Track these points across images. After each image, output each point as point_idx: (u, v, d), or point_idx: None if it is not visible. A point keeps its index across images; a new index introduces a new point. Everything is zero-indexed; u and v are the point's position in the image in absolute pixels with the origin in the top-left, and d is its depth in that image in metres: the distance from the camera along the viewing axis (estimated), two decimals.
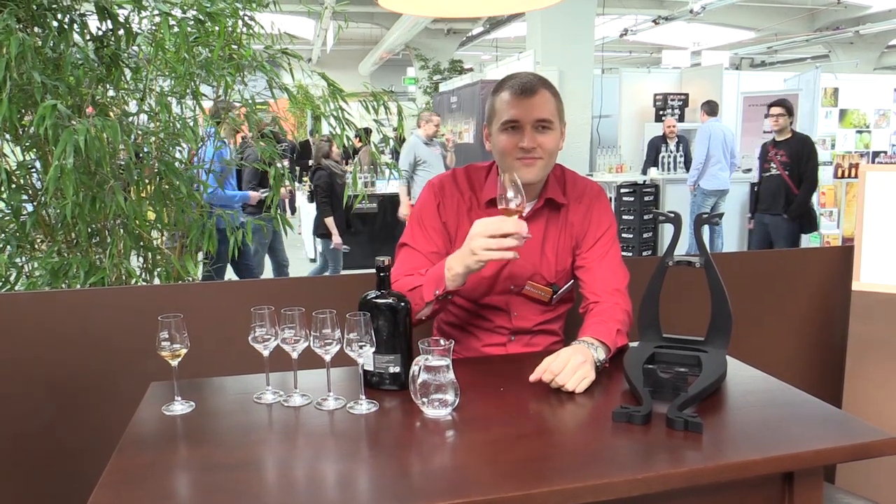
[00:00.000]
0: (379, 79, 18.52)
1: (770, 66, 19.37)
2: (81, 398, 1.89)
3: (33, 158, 2.56)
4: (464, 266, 1.51)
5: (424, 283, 1.58)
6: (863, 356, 2.32)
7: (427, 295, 1.56)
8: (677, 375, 1.41)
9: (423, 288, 1.57)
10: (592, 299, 1.69)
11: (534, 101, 1.64)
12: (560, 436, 1.31)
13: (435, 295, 1.55)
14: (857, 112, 8.71)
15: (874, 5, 13.22)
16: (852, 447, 1.20)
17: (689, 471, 1.12)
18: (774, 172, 5.69)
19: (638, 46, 17.90)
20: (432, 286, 1.56)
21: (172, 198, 2.68)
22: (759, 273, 2.38)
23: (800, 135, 5.80)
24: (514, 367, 1.59)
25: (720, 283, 1.51)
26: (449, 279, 1.54)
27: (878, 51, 16.47)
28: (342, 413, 1.36)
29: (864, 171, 2.38)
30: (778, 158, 5.65)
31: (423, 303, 1.57)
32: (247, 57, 2.79)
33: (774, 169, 5.68)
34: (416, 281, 1.60)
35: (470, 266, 1.50)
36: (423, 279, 1.59)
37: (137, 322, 1.83)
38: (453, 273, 1.53)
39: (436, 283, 1.55)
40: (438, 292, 1.55)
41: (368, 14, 14.34)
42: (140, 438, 1.27)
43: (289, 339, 1.39)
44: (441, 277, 1.54)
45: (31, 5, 2.40)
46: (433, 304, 1.58)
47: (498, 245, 1.44)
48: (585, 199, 1.77)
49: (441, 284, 1.55)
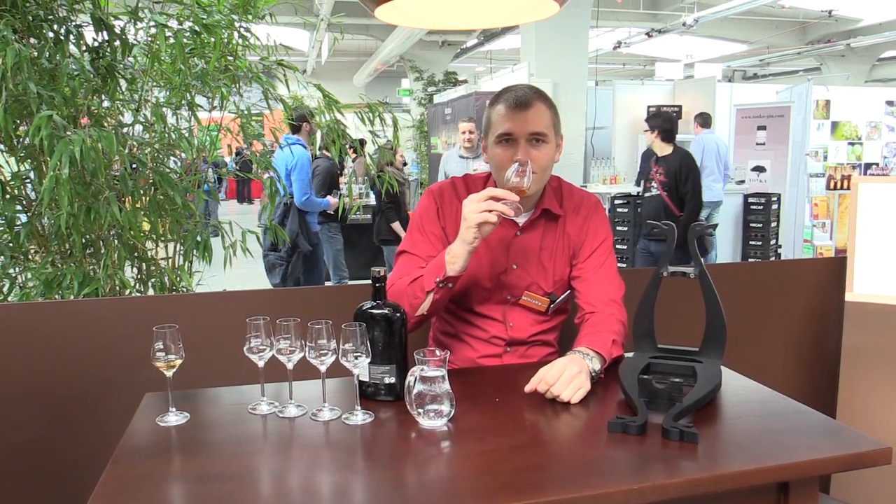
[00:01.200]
0: (374, 90, 18.56)
1: (762, 79, 19.52)
2: (76, 409, 1.88)
3: (28, 169, 2.56)
4: (461, 243, 1.53)
5: (425, 273, 1.59)
6: (856, 366, 2.33)
7: (428, 283, 1.57)
8: (672, 386, 1.41)
9: (424, 278, 1.58)
10: (588, 309, 1.69)
11: (528, 115, 1.65)
12: (555, 446, 1.31)
13: (436, 282, 1.56)
14: (849, 124, 8.76)
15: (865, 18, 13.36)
16: (847, 457, 1.21)
17: (684, 481, 1.12)
18: (655, 192, 5.19)
19: (631, 59, 18.02)
20: (433, 275, 1.57)
21: (168, 208, 2.67)
22: (754, 284, 2.39)
23: (680, 150, 5.25)
24: (509, 377, 1.59)
25: (714, 293, 1.52)
26: (449, 262, 1.55)
27: (869, 63, 16.63)
28: (337, 424, 1.35)
29: (856, 182, 2.40)
30: (658, 177, 5.16)
31: (424, 294, 1.58)
32: (242, 68, 2.80)
33: (655, 188, 5.18)
34: (416, 273, 1.61)
35: (466, 239, 1.52)
36: (422, 270, 1.61)
37: (132, 333, 1.82)
38: (453, 255, 1.55)
39: (437, 272, 1.57)
40: (439, 278, 1.56)
41: (364, 26, 14.40)
42: (135, 449, 1.26)
43: (284, 349, 1.39)
44: (441, 265, 1.56)
45: (27, 16, 2.40)
46: (434, 294, 1.58)
47: (488, 206, 1.48)
48: (583, 211, 1.78)
49: (441, 271, 1.56)
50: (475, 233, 1.52)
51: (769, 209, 7.43)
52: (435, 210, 1.75)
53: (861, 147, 8.85)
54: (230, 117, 2.84)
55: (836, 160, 8.50)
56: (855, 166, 8.61)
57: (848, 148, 8.79)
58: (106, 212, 2.30)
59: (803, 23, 14.44)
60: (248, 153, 3.02)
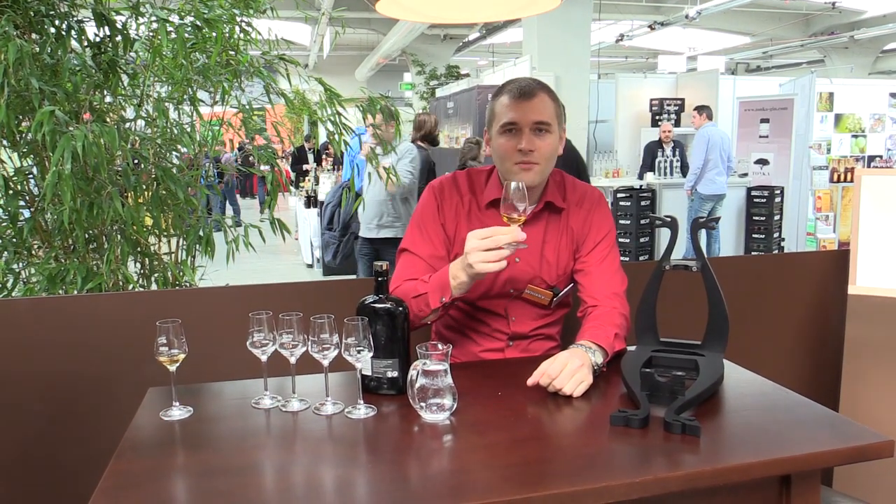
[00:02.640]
0: (376, 84, 18.55)
1: (766, 71, 19.46)
2: (79, 404, 1.89)
3: (31, 164, 2.56)
4: (467, 276, 1.52)
5: (429, 290, 1.58)
6: (859, 359, 2.32)
7: (433, 302, 1.57)
8: (675, 379, 1.41)
9: (429, 295, 1.58)
10: (591, 303, 1.69)
11: (532, 104, 1.65)
12: (558, 440, 1.31)
13: (441, 302, 1.56)
14: (853, 116, 8.73)
15: (869, 10, 13.30)
16: (849, 450, 1.21)
17: (686, 474, 1.12)
18: None
19: (634, 51, 17.96)
20: (438, 293, 1.57)
21: (170, 203, 2.68)
22: (756, 277, 2.39)
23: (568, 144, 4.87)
24: (511, 371, 1.59)
25: (717, 286, 1.52)
26: (455, 287, 1.55)
27: (872, 55, 16.56)
28: (340, 418, 1.36)
29: (859, 175, 2.39)
30: None
31: (429, 310, 1.58)
32: (244, 63, 2.80)
33: None
34: (421, 288, 1.60)
35: (469, 273, 1.51)
36: (427, 286, 1.59)
37: (135, 328, 1.83)
38: (458, 281, 1.54)
39: (441, 291, 1.56)
40: (445, 300, 1.56)
41: (365, 20, 14.37)
42: (138, 444, 1.27)
43: (287, 343, 1.39)
44: (446, 285, 1.55)
45: (29, 12, 2.40)
46: (439, 311, 1.59)
47: (497, 256, 1.45)
48: (586, 204, 1.78)
49: (447, 292, 1.56)
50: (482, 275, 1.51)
51: (772, 202, 7.42)
52: (435, 207, 1.75)
53: (864, 139, 8.83)
54: (232, 112, 2.84)
55: (840, 153, 8.48)
56: (858, 159, 8.59)
57: (851, 140, 8.77)
58: (109, 207, 2.31)
59: (807, 15, 14.38)
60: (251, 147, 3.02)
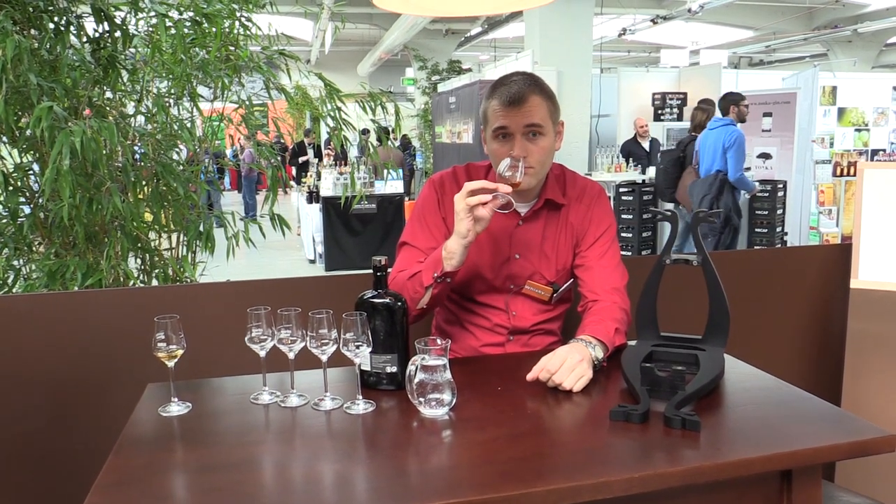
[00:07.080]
0: (377, 80, 18.52)
1: (768, 65, 19.38)
2: (78, 399, 1.89)
3: (31, 160, 2.56)
4: (456, 237, 1.53)
5: (423, 268, 1.60)
6: (861, 354, 2.32)
7: (426, 279, 1.57)
8: (675, 374, 1.40)
9: (423, 273, 1.59)
10: (591, 298, 1.69)
11: (522, 110, 1.63)
12: (557, 435, 1.31)
13: (434, 278, 1.56)
14: (856, 110, 8.70)
15: (872, 3, 13.22)
16: (851, 445, 1.20)
17: (686, 469, 1.12)
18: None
19: (636, 46, 17.90)
20: (430, 270, 1.58)
21: (170, 199, 2.67)
22: (758, 271, 2.38)
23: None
24: (511, 366, 1.58)
25: (718, 281, 1.51)
26: (446, 258, 1.55)
27: (876, 49, 16.48)
28: (339, 413, 1.35)
29: (862, 169, 2.38)
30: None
31: (423, 289, 1.58)
32: (244, 58, 2.79)
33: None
34: (416, 268, 1.62)
35: (460, 232, 1.52)
36: (422, 266, 1.61)
37: (135, 323, 1.83)
38: (449, 251, 1.55)
39: (434, 267, 1.57)
40: (437, 274, 1.56)
41: (367, 15, 14.34)
42: (137, 439, 1.27)
43: (285, 339, 1.38)
44: (438, 261, 1.56)
45: (28, 7, 2.39)
46: (432, 289, 1.58)
47: (479, 200, 1.49)
48: (586, 199, 1.77)
49: (439, 266, 1.56)
50: (468, 225, 1.51)
51: (775, 196, 7.38)
52: (436, 200, 1.75)
53: (868, 133, 8.80)
54: (232, 107, 2.84)
55: (843, 147, 8.45)
56: (861, 153, 8.56)
57: (854, 134, 8.75)
58: (108, 203, 2.31)
59: (810, 8, 14.31)
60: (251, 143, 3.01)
